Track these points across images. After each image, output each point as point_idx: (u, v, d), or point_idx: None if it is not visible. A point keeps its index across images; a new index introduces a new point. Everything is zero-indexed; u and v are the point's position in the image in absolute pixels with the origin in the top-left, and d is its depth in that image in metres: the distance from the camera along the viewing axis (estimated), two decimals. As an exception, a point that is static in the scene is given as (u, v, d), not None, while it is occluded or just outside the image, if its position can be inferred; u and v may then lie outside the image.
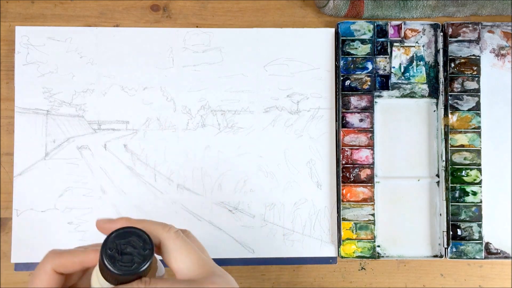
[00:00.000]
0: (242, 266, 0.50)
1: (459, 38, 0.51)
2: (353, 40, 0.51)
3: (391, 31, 0.52)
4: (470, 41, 0.51)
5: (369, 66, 0.51)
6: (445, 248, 0.50)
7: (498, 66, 0.52)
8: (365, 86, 0.51)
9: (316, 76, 0.52)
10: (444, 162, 0.51)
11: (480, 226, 0.50)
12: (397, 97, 0.52)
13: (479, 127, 0.51)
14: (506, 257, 0.50)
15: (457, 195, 0.50)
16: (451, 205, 0.50)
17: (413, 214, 0.51)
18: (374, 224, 0.50)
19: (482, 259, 0.50)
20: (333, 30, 0.52)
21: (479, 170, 0.50)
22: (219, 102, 0.51)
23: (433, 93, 0.52)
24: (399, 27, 0.52)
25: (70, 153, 0.50)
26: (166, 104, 0.51)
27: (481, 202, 0.50)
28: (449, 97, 0.51)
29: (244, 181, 0.51)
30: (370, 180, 0.50)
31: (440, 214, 0.50)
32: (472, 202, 0.50)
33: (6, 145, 0.50)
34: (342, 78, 0.51)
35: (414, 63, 0.52)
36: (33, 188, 0.49)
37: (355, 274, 0.51)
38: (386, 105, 0.52)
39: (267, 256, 0.50)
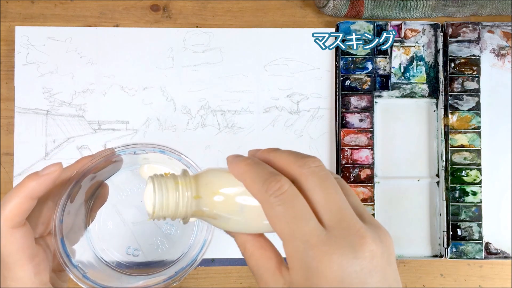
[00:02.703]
0: (242, 266, 0.50)
1: (459, 38, 0.51)
2: (353, 40, 0.51)
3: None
4: (470, 41, 0.51)
5: (369, 66, 0.51)
6: (445, 248, 0.50)
7: (498, 66, 0.52)
8: (365, 86, 0.51)
9: (316, 76, 0.52)
10: (444, 162, 0.50)
11: (480, 226, 0.50)
12: (397, 97, 0.52)
13: (479, 127, 0.51)
14: (506, 257, 0.50)
15: (457, 195, 0.50)
16: (451, 205, 0.50)
17: (413, 214, 0.51)
18: (374, 224, 0.50)
19: (482, 259, 0.50)
20: (333, 30, 0.52)
21: (479, 170, 0.50)
22: (219, 102, 0.51)
23: (433, 93, 0.52)
24: (399, 27, 0.52)
25: (70, 153, 0.50)
26: (166, 104, 0.51)
27: (481, 202, 0.50)
28: (449, 97, 0.51)
29: (244, 181, 0.50)
30: (370, 180, 0.50)
31: (440, 214, 0.50)
32: (472, 202, 0.50)
33: (6, 145, 0.50)
34: (342, 78, 0.51)
35: (414, 63, 0.52)
36: (33, 188, 0.49)
37: (355, 274, 0.51)
38: (386, 105, 0.52)
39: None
